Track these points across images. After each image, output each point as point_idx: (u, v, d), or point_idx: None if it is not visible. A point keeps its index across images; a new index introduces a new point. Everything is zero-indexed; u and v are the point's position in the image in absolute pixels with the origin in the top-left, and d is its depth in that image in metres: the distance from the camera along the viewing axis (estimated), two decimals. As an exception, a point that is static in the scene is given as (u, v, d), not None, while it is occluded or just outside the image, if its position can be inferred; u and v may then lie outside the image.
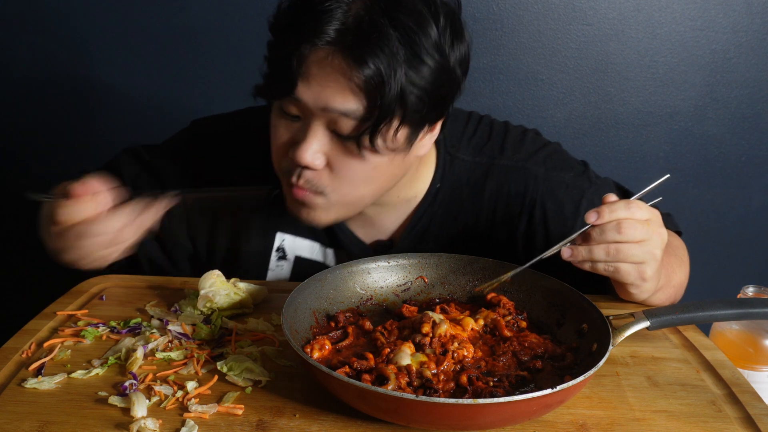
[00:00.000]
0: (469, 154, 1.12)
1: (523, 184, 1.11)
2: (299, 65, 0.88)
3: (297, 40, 0.88)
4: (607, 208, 0.86)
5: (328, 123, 0.92)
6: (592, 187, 1.13)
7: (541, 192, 1.11)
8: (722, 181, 1.88)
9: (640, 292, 0.95)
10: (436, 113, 0.95)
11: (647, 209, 0.89)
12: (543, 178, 1.11)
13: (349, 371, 0.77)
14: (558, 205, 1.11)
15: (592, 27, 1.75)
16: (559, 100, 1.81)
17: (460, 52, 0.93)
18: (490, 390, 0.75)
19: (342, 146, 0.93)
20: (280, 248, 1.15)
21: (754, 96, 1.80)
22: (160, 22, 1.74)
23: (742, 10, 1.73)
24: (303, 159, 0.92)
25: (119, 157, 1.20)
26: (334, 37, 0.86)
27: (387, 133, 0.91)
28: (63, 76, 1.80)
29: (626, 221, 0.86)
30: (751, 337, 1.04)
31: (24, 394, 0.79)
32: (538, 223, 1.11)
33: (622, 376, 0.86)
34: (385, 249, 1.14)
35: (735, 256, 1.95)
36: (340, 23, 0.86)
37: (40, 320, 0.97)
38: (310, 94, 0.89)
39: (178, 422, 0.74)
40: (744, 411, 0.79)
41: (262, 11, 0.96)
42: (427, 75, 0.89)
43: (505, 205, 1.11)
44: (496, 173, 1.11)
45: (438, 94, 0.92)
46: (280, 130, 0.97)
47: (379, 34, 0.85)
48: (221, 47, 1.75)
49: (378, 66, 0.85)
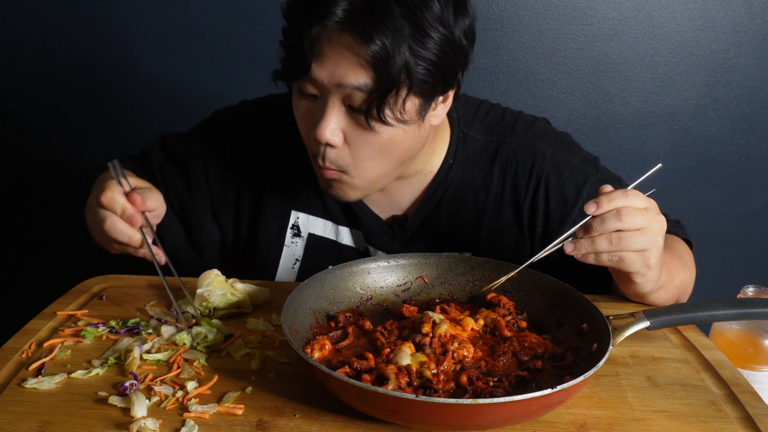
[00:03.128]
0: (481, 132, 1.17)
1: (531, 160, 1.15)
2: (312, 46, 0.93)
3: (308, 23, 0.92)
4: (605, 198, 0.87)
5: (343, 99, 0.96)
6: (598, 174, 1.16)
7: (546, 170, 1.14)
8: (722, 181, 1.88)
9: (646, 281, 0.95)
10: (444, 83, 0.98)
11: (645, 198, 0.90)
12: (550, 157, 1.15)
13: (349, 371, 0.77)
14: (560, 185, 1.14)
15: (592, 27, 1.75)
16: (559, 100, 1.81)
17: (465, 23, 0.97)
18: (490, 390, 0.75)
19: (357, 121, 0.97)
20: (294, 225, 1.20)
21: (754, 96, 1.81)
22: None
23: (742, 10, 1.73)
24: (322, 136, 0.97)
25: (150, 146, 1.26)
26: (342, 17, 0.90)
27: (396, 105, 0.95)
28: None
29: (625, 209, 0.86)
30: (751, 337, 1.04)
31: (24, 394, 0.79)
32: (541, 200, 1.14)
33: (622, 376, 0.86)
34: (400, 223, 1.17)
35: (735, 256, 1.95)
36: (348, 2, 0.90)
37: (40, 320, 0.97)
38: (325, 73, 0.94)
39: (178, 422, 0.74)
40: (744, 411, 0.79)
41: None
42: (432, 47, 0.93)
43: (513, 179, 1.15)
44: (506, 150, 1.15)
45: (445, 65, 0.95)
46: (300, 111, 1.02)
47: (383, 10, 0.90)
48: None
49: (383, 41, 0.90)
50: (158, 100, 1.84)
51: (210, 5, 1.75)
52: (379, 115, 0.94)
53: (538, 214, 1.14)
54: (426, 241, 1.16)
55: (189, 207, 1.21)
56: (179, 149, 1.23)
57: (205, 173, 1.21)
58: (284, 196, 1.19)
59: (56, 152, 1.90)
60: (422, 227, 1.16)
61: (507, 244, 1.15)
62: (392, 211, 1.18)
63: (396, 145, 1.00)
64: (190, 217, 1.22)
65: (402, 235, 1.17)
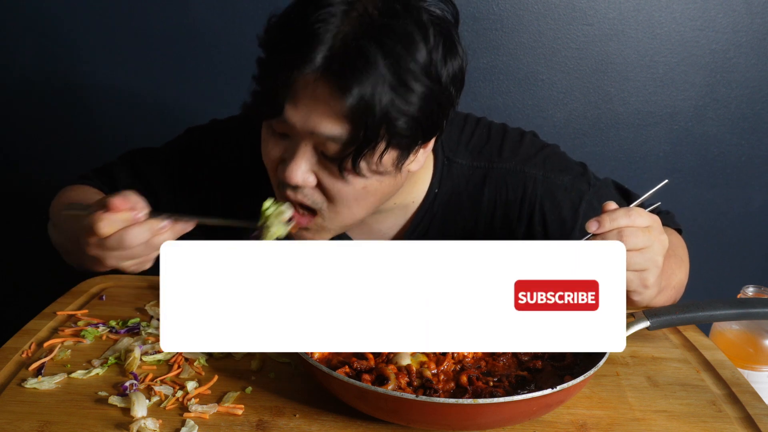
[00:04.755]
0: (467, 158, 1.12)
1: (521, 187, 1.11)
2: (287, 89, 0.88)
3: (286, 64, 0.87)
4: (607, 217, 0.85)
5: (315, 144, 0.91)
6: (591, 189, 1.13)
7: (539, 195, 1.10)
8: (722, 181, 1.88)
9: (642, 299, 0.94)
10: (426, 134, 0.94)
11: (647, 216, 0.87)
12: (541, 181, 1.11)
13: (349, 371, 0.77)
14: (556, 208, 1.11)
15: (592, 27, 1.75)
16: (559, 100, 1.81)
17: (454, 67, 0.92)
18: (490, 390, 0.75)
19: (329, 168, 0.93)
20: None
21: (754, 96, 1.80)
22: (160, 20, 1.74)
23: (742, 10, 1.73)
24: (292, 179, 0.92)
25: (116, 162, 1.19)
26: (320, 63, 0.85)
27: (372, 158, 0.91)
28: (61, 78, 1.80)
29: (627, 229, 0.84)
30: (751, 337, 1.04)
31: (24, 394, 0.79)
32: (537, 225, 1.11)
33: (622, 376, 0.86)
34: None
35: (735, 256, 1.94)
36: (327, 48, 0.85)
37: (40, 320, 0.97)
38: (298, 117, 0.89)
39: (178, 422, 0.74)
40: (744, 411, 0.79)
41: (265, 12, 0.96)
42: (416, 101, 0.88)
43: (503, 209, 1.11)
44: (494, 177, 1.11)
45: (429, 118, 0.91)
46: (269, 146, 0.97)
47: (365, 61, 0.84)
48: (222, 47, 1.75)
49: (362, 94, 0.84)
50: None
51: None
52: (354, 168, 0.90)
53: (536, 239, 1.11)
54: None
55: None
56: (149, 173, 1.16)
57: (175, 201, 1.15)
58: (255, 218, 1.15)
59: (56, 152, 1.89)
60: None
61: None
62: (374, 239, 1.14)
63: (371, 193, 0.96)
64: None
65: None
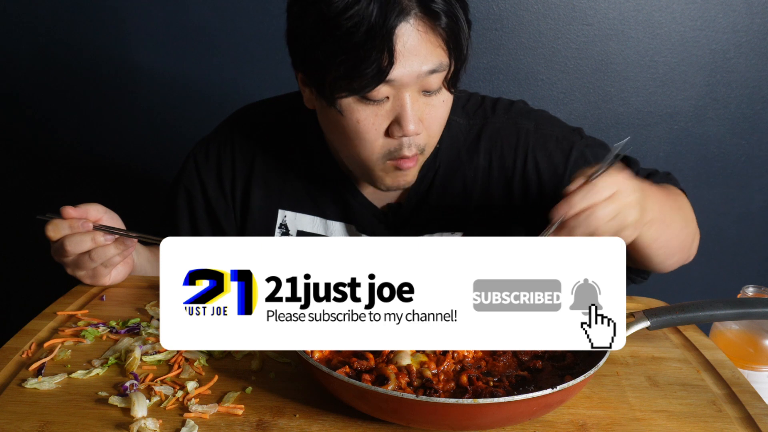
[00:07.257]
0: (463, 117, 1.19)
1: (514, 137, 1.16)
2: (390, 47, 0.91)
3: (377, 28, 0.90)
4: (567, 204, 0.85)
5: (420, 87, 0.97)
6: (583, 140, 1.18)
7: (532, 144, 1.16)
8: (722, 181, 1.88)
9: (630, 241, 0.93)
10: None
11: (610, 183, 0.87)
12: (533, 132, 1.17)
13: (349, 371, 0.77)
14: (548, 156, 1.16)
15: (592, 27, 1.75)
16: (559, 100, 1.81)
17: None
18: (490, 390, 0.75)
19: (428, 100, 0.99)
20: (282, 224, 1.20)
21: (754, 96, 1.81)
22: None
23: (742, 10, 1.73)
24: (414, 129, 0.97)
25: (172, 204, 1.24)
26: (415, 6, 0.91)
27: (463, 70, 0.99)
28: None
29: (593, 208, 0.85)
30: (751, 337, 1.04)
31: (24, 395, 0.79)
32: (531, 173, 1.16)
33: (622, 376, 0.86)
34: (394, 211, 1.18)
35: (735, 256, 1.95)
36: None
37: (40, 320, 0.97)
38: (404, 69, 0.93)
39: (178, 422, 0.74)
40: (744, 411, 0.79)
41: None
42: (465, 15, 0.98)
43: (499, 158, 1.17)
44: (489, 130, 1.18)
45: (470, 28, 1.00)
46: (370, 121, 0.98)
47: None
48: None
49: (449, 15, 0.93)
50: (157, 96, 1.83)
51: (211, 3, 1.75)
52: (455, 86, 0.98)
53: (531, 187, 1.16)
54: (417, 225, 1.17)
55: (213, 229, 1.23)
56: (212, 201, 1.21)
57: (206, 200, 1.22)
58: (271, 196, 1.20)
59: (56, 151, 1.90)
60: (414, 212, 1.17)
61: (496, 222, 1.17)
62: (387, 199, 1.19)
63: (449, 108, 1.03)
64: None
65: (395, 222, 1.18)
